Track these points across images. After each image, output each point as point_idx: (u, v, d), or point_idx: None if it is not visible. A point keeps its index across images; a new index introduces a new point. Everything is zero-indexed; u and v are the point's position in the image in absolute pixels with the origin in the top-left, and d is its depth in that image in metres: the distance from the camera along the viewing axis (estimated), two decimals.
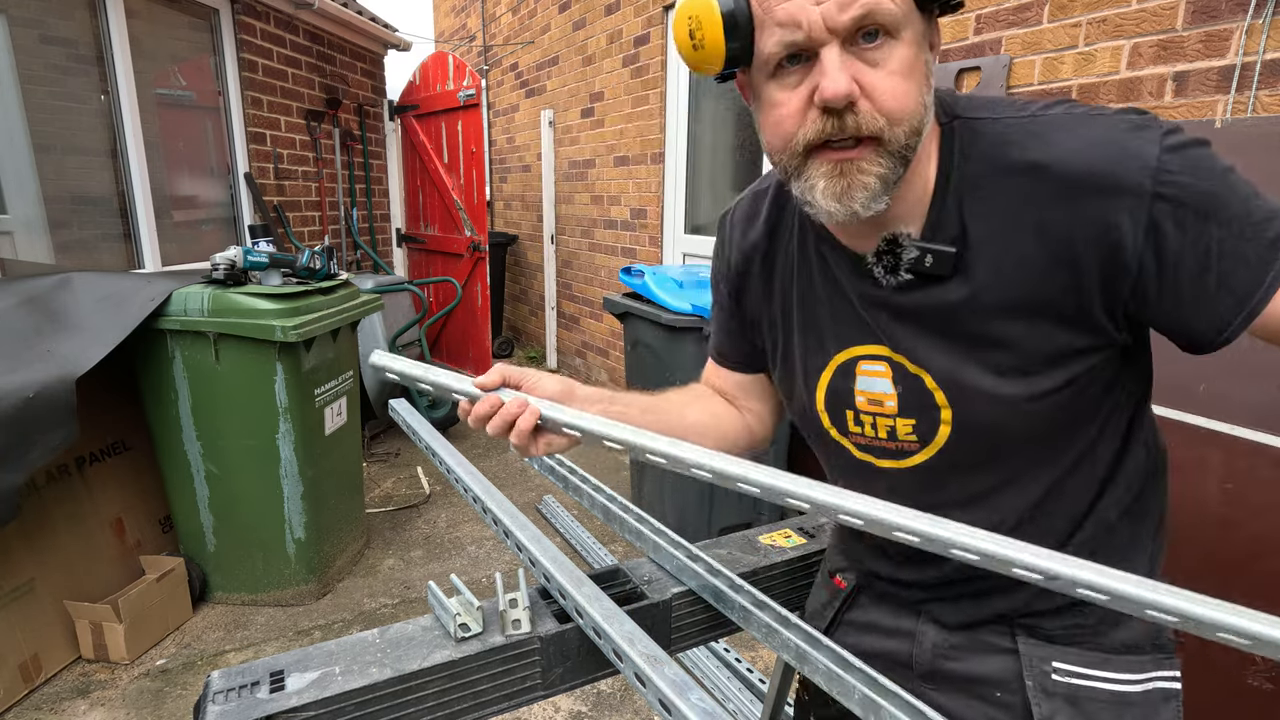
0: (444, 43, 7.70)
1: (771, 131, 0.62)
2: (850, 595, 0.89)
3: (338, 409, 2.69)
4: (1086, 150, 0.58)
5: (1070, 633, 0.73)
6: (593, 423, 0.72)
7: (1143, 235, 0.56)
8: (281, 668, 0.75)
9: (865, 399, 0.72)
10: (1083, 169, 0.57)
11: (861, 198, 0.59)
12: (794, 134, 0.60)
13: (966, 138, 0.64)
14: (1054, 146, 0.59)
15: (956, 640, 0.78)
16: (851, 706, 0.67)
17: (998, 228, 0.61)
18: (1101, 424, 0.69)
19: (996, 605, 0.75)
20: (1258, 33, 1.66)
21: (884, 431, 0.72)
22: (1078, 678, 0.72)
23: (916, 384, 0.68)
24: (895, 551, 0.79)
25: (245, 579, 2.56)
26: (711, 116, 3.92)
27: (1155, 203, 0.56)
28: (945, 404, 0.67)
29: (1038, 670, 0.73)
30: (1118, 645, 0.73)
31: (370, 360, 0.76)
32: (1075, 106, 0.61)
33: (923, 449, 0.71)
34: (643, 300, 2.79)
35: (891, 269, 0.65)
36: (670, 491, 2.81)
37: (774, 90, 0.60)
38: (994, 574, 0.68)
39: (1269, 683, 1.41)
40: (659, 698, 0.64)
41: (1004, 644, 0.75)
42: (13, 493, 1.91)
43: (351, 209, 4.69)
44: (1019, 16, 2.18)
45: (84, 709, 2.05)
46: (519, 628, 0.81)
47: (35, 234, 2.83)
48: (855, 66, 0.56)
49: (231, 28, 3.69)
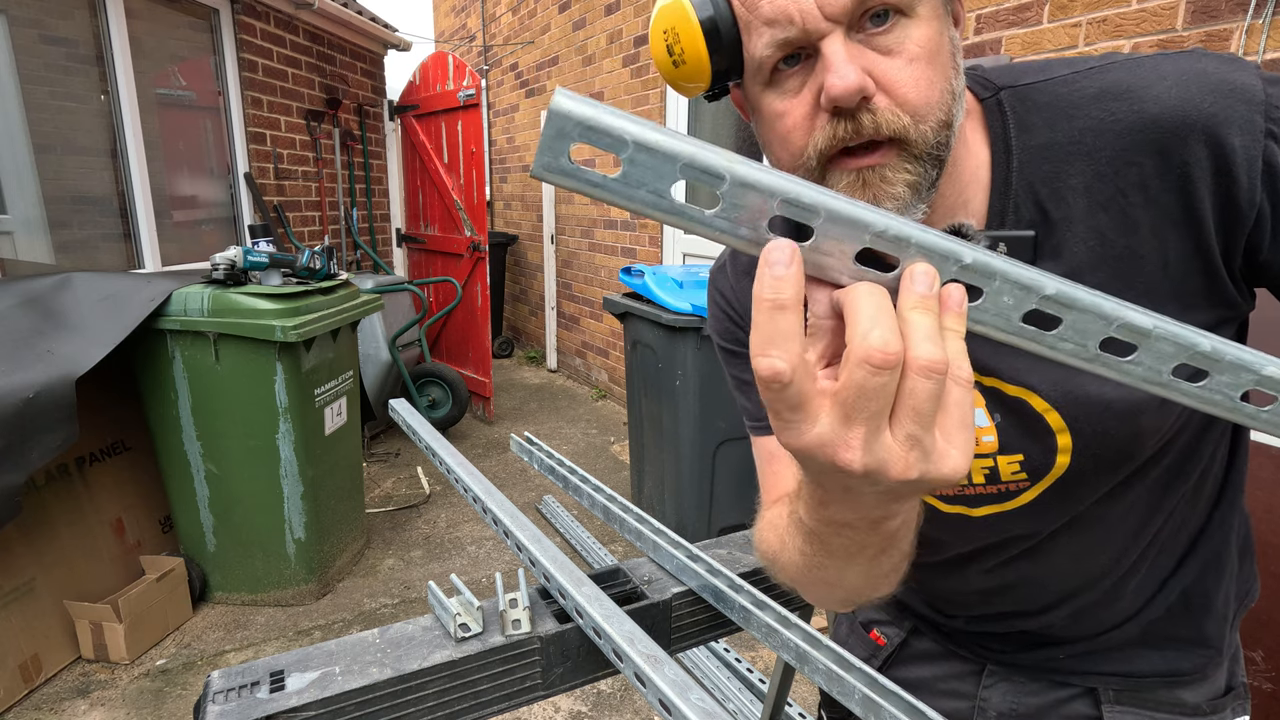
0: (444, 43, 7.70)
1: (779, 148, 0.51)
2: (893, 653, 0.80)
3: (338, 409, 2.69)
4: (1179, 90, 0.49)
5: (1161, 687, 0.67)
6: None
7: (1259, 180, 0.48)
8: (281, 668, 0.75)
9: None
10: (1182, 109, 0.48)
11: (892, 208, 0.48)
12: (804, 147, 0.49)
13: (1020, 108, 0.54)
14: (1141, 91, 0.50)
15: (1028, 708, 0.70)
16: (851, 707, 0.67)
17: (1088, 199, 0.52)
18: (1220, 432, 0.62)
19: (1084, 661, 0.67)
20: (1258, 33, 1.66)
21: (981, 475, 0.60)
22: None
23: (1020, 408, 0.56)
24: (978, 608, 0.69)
25: (245, 579, 2.56)
26: (712, 116, 3.92)
27: (1269, 142, 0.47)
28: (1062, 427, 0.55)
29: None
30: (1203, 705, 0.67)
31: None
32: (1135, 55, 0.53)
33: (1033, 485, 0.59)
34: (643, 300, 2.79)
35: None
36: (670, 491, 2.81)
37: (773, 100, 0.50)
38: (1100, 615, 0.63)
39: (1269, 683, 1.41)
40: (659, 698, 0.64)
41: (1086, 711, 0.67)
42: (13, 492, 1.91)
43: (351, 209, 4.69)
44: (1019, 16, 2.18)
45: (84, 709, 2.05)
46: (519, 628, 0.81)
47: (35, 234, 2.83)
48: (865, 56, 0.46)
49: (231, 28, 3.69)
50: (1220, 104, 0.48)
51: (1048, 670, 0.70)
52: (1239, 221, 0.49)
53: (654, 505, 2.96)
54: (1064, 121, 0.52)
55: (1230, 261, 0.51)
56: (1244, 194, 0.48)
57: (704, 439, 2.62)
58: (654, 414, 2.84)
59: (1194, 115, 0.48)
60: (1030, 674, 0.71)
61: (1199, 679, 0.68)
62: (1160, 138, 0.49)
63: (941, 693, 0.76)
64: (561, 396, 5.22)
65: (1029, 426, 0.57)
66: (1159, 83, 0.50)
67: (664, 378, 2.68)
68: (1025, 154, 0.53)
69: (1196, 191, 0.49)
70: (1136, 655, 0.67)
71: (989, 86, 0.56)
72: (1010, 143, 0.54)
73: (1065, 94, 0.53)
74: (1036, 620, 0.67)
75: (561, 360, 5.87)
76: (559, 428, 4.54)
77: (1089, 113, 0.51)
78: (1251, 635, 1.41)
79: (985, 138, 0.55)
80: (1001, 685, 0.72)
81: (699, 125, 4.02)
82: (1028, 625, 0.68)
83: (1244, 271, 0.52)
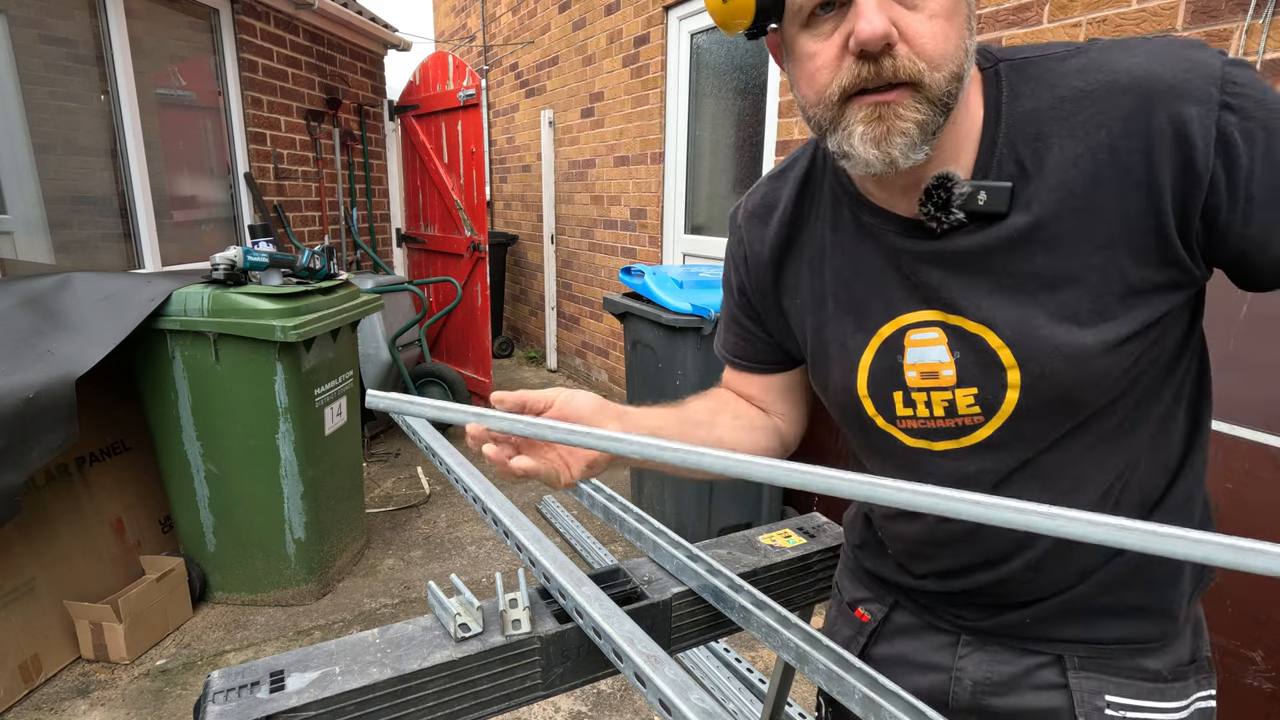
0: (444, 43, 7.70)
1: (806, 84, 0.59)
2: (876, 629, 0.83)
3: (338, 409, 2.69)
4: (1149, 63, 0.55)
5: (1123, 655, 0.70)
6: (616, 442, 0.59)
7: (1213, 147, 0.53)
8: (281, 668, 0.75)
9: (918, 373, 0.66)
10: (1147, 81, 0.55)
11: (900, 144, 0.56)
12: (829, 84, 0.57)
13: (1014, 78, 0.61)
14: (1114, 65, 0.56)
15: (1001, 675, 0.73)
16: (852, 707, 0.67)
17: (1061, 157, 0.58)
18: (1178, 388, 0.65)
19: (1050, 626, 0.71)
20: (1258, 33, 1.66)
21: (941, 408, 0.66)
22: (1132, 710, 0.69)
23: (978, 345, 0.62)
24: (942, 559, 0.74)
25: (245, 579, 2.56)
26: (712, 116, 3.92)
27: (1223, 113, 0.53)
28: (1013, 363, 0.61)
29: (1089, 705, 0.69)
30: (1165, 672, 0.70)
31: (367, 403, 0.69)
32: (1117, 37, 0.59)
33: (987, 421, 0.64)
34: (643, 300, 2.79)
35: (942, 206, 0.60)
36: (670, 491, 2.81)
37: (807, 41, 0.57)
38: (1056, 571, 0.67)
39: (1269, 683, 1.41)
40: (659, 698, 0.65)
41: (1054, 679, 0.71)
42: (13, 492, 1.92)
43: (351, 209, 4.69)
44: (1019, 16, 2.18)
45: (84, 709, 2.05)
46: (519, 628, 0.81)
47: (35, 234, 2.83)
48: (893, 9, 0.53)
49: (231, 28, 3.69)
50: (1180, 77, 0.54)
51: (1017, 637, 0.73)
52: (1196, 186, 0.54)
53: (654, 505, 2.96)
54: (1048, 91, 0.59)
55: (1186, 225, 0.56)
56: (1200, 160, 0.53)
57: None
58: None
59: (1157, 87, 0.54)
60: (1001, 642, 0.74)
61: (1160, 648, 0.70)
62: (1127, 106, 0.55)
63: (921, 666, 0.78)
64: None
65: (984, 362, 0.62)
66: (1129, 59, 0.56)
67: (664, 378, 2.68)
68: (1012, 118, 0.60)
69: (1157, 156, 0.55)
70: (1099, 622, 0.70)
71: (990, 59, 0.63)
72: (1001, 108, 0.61)
73: (1052, 68, 0.60)
74: (995, 571, 0.69)
75: (561, 360, 5.88)
76: None
77: (1070, 83, 0.58)
78: (1251, 635, 1.41)
79: (981, 102, 0.62)
80: (975, 655, 0.75)
81: (699, 127, 4.02)
82: (986, 578, 0.71)
83: (1203, 241, 0.57)
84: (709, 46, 3.83)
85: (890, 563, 0.82)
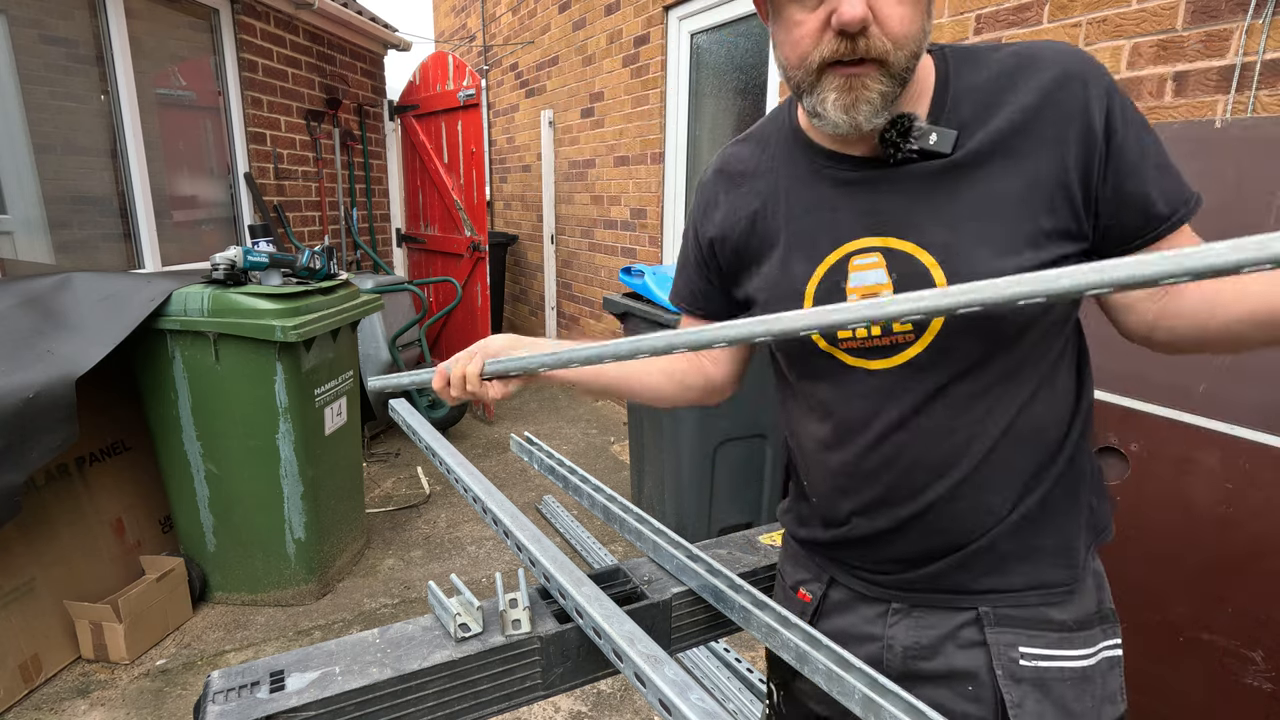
0: (444, 43, 7.70)
1: (790, 49, 0.69)
2: (817, 607, 0.89)
3: (338, 409, 2.69)
4: (1061, 58, 0.71)
5: (1033, 610, 0.77)
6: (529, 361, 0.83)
7: (1103, 120, 0.68)
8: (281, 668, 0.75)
9: (859, 295, 0.74)
10: (1060, 69, 0.70)
11: (865, 110, 0.67)
12: (810, 53, 0.67)
13: (957, 61, 0.74)
14: (1038, 54, 0.72)
15: (928, 639, 0.80)
16: (852, 707, 0.67)
17: (996, 116, 0.71)
18: (1062, 347, 0.76)
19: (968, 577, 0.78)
20: (1258, 33, 1.66)
21: (878, 328, 0.73)
22: (1043, 660, 0.76)
23: (912, 266, 0.72)
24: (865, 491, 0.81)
25: (245, 579, 2.56)
26: (711, 116, 3.92)
27: (1110, 96, 0.69)
28: (943, 282, 0.70)
29: (1005, 658, 0.76)
30: (1070, 623, 0.77)
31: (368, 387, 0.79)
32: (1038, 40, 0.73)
33: (917, 339, 0.73)
34: (643, 300, 2.79)
35: (903, 134, 0.70)
36: (670, 491, 2.81)
37: (794, 10, 0.67)
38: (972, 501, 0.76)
39: (1269, 683, 1.41)
40: (659, 698, 0.65)
41: (974, 637, 0.78)
42: (13, 492, 1.92)
43: (351, 209, 4.69)
44: (1019, 16, 2.18)
45: (84, 709, 2.05)
46: (519, 628, 0.81)
47: (35, 234, 2.83)
48: None
49: (231, 28, 3.69)
50: (1085, 68, 0.70)
51: (940, 591, 0.79)
52: (1093, 149, 0.69)
53: (654, 505, 2.96)
54: (986, 70, 0.73)
55: (1088, 183, 0.70)
56: (1095, 129, 0.69)
57: (704, 439, 2.62)
58: (654, 414, 2.84)
59: (1070, 71, 0.70)
60: (926, 601, 0.80)
61: (1066, 597, 0.78)
62: (1047, 84, 0.70)
63: (857, 638, 0.84)
64: (561, 396, 5.23)
65: (918, 281, 0.71)
66: (1049, 52, 0.72)
67: None
68: (959, 87, 0.73)
69: (1065, 123, 0.69)
70: (1010, 569, 0.77)
71: (937, 47, 0.76)
72: (949, 78, 0.74)
73: (988, 55, 0.74)
74: (915, 503, 0.76)
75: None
76: (559, 428, 4.54)
77: (1004, 65, 0.72)
78: (1251, 635, 1.41)
79: (934, 73, 0.74)
80: (904, 622, 0.81)
81: (699, 124, 4.02)
82: (907, 511, 0.77)
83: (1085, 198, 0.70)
84: (709, 46, 3.83)
85: (818, 520, 0.88)
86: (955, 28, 2.37)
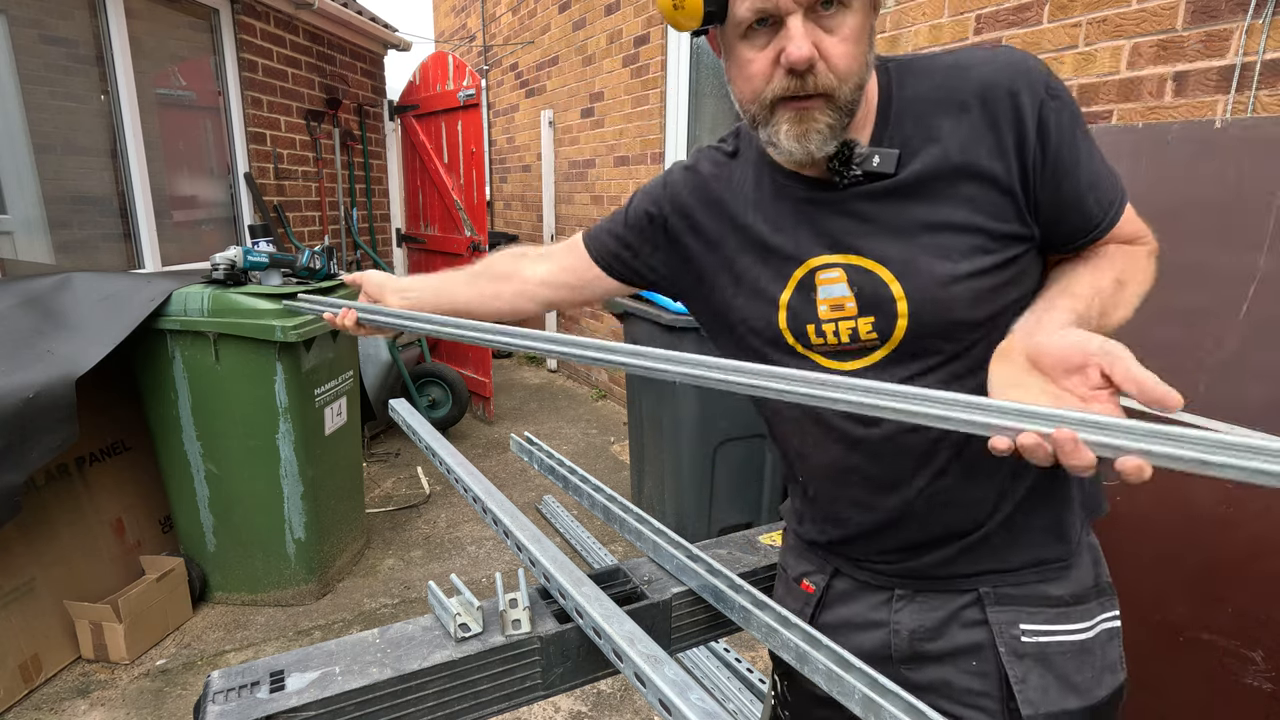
0: (444, 43, 7.70)
1: (743, 85, 0.73)
2: (820, 598, 0.91)
3: (338, 409, 2.69)
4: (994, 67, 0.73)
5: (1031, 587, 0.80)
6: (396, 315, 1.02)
7: (1036, 128, 0.71)
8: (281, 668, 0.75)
9: (828, 306, 0.79)
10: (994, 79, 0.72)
11: (816, 140, 0.71)
12: (763, 90, 0.71)
13: (900, 72, 0.77)
14: (972, 66, 0.74)
15: (933, 621, 0.82)
16: (852, 707, 0.67)
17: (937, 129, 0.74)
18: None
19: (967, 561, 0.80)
20: (1258, 33, 1.66)
21: (846, 334, 0.78)
22: (1043, 635, 0.78)
23: (872, 280, 0.76)
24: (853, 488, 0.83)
25: (245, 579, 2.56)
26: (711, 116, 3.92)
27: (1044, 105, 0.71)
28: (901, 295, 0.74)
29: (1007, 635, 0.78)
30: (1068, 598, 0.80)
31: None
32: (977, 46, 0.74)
33: (883, 344, 0.77)
34: (643, 300, 2.79)
35: (845, 163, 0.74)
36: (670, 492, 2.81)
37: (744, 49, 0.71)
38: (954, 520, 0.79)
39: (1269, 683, 1.41)
40: (659, 698, 0.65)
41: (976, 616, 0.80)
42: (13, 492, 1.91)
43: (351, 209, 4.69)
44: (1019, 16, 2.18)
45: (84, 709, 2.05)
46: (519, 628, 0.81)
47: (35, 234, 2.83)
48: (815, 33, 0.67)
49: (231, 28, 3.69)
50: (1018, 77, 0.72)
51: (941, 577, 0.82)
52: (1028, 156, 0.72)
53: (654, 505, 2.96)
54: (926, 81, 0.76)
55: (1027, 187, 0.73)
56: (1030, 137, 0.71)
57: (704, 439, 2.62)
58: (654, 414, 2.84)
59: (1004, 82, 0.72)
60: (930, 586, 0.83)
61: (1062, 572, 0.81)
62: (983, 94, 0.72)
63: (863, 626, 0.87)
64: (561, 396, 5.22)
65: (879, 295, 0.75)
66: (985, 63, 0.74)
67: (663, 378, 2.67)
68: (901, 102, 0.76)
69: (1003, 132, 0.72)
70: (1005, 549, 0.80)
71: (882, 60, 0.78)
72: (891, 94, 0.76)
73: (928, 65, 0.77)
74: (903, 494, 0.79)
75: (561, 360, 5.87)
76: (559, 428, 4.54)
77: (943, 77, 0.75)
78: (1251, 635, 1.41)
79: (877, 91, 0.77)
80: (909, 607, 0.84)
81: (699, 124, 4.02)
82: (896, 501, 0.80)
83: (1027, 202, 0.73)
84: (709, 47, 3.83)
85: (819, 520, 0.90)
86: (955, 28, 2.37)
